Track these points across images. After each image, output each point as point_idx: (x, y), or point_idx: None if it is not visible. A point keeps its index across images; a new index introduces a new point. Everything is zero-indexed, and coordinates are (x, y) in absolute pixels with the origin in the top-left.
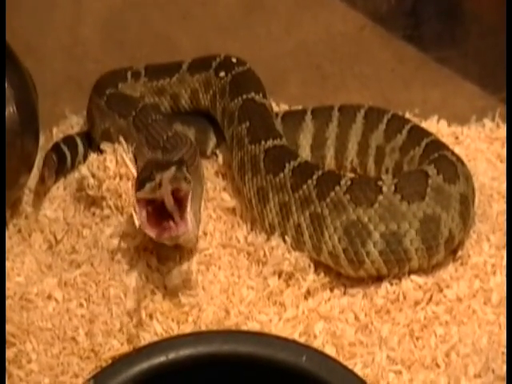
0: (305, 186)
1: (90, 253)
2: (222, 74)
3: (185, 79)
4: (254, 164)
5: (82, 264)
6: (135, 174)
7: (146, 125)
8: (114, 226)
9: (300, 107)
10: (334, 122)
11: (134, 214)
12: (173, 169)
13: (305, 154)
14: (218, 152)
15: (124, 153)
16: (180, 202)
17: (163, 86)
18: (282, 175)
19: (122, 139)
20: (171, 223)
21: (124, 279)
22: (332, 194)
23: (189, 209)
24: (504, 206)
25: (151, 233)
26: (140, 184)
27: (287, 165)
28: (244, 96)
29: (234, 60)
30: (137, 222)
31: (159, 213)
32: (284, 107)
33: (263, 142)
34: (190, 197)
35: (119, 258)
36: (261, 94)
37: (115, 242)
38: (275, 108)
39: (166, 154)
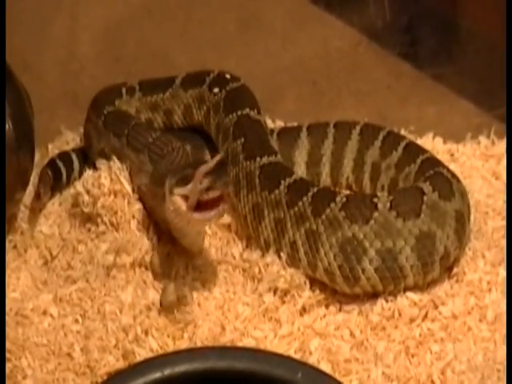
0: (300, 203)
1: (85, 269)
2: (216, 89)
3: (178, 94)
4: (249, 180)
5: (78, 280)
6: (130, 192)
7: (146, 143)
8: (109, 242)
9: (295, 124)
10: (330, 139)
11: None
12: (229, 174)
13: (300, 170)
14: None
15: (118, 170)
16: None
17: (156, 102)
18: (277, 192)
19: (114, 158)
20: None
21: (119, 295)
22: (327, 210)
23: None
24: (500, 223)
25: (198, 217)
26: (181, 180)
27: (282, 181)
28: (239, 112)
29: (227, 76)
30: (170, 213)
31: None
32: (279, 123)
33: (258, 159)
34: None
35: (115, 273)
36: (255, 110)
37: (110, 258)
38: (271, 124)
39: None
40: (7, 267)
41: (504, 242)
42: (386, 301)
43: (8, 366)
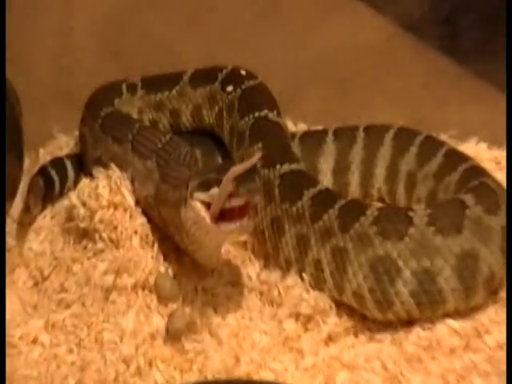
0: (326, 217)
1: (80, 291)
2: (230, 88)
3: (186, 93)
4: (268, 191)
5: (72, 304)
6: (132, 204)
7: (153, 149)
8: (108, 262)
9: (320, 127)
10: (359, 144)
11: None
12: (256, 180)
13: (326, 180)
14: None
15: (118, 179)
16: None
17: (162, 101)
18: (299, 204)
19: (113, 166)
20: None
21: (120, 321)
22: (356, 225)
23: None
24: None
25: (219, 228)
26: (203, 185)
27: (306, 192)
28: (256, 114)
29: (243, 72)
30: (190, 217)
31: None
32: (302, 127)
33: (278, 167)
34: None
35: (114, 297)
36: (275, 112)
37: (110, 279)
38: (292, 128)
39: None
40: None
41: None
42: (423, 328)
43: None
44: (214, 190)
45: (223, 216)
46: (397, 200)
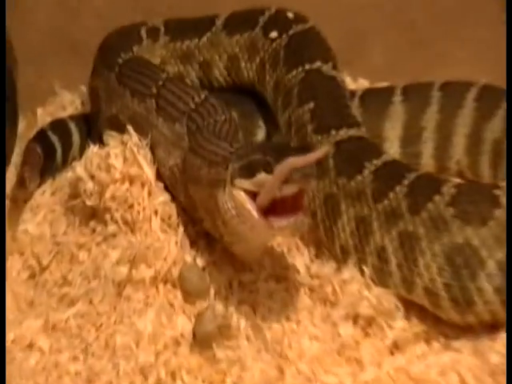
0: (392, 195)
1: (87, 285)
2: (274, 34)
3: (220, 41)
4: (321, 162)
5: (77, 301)
6: (152, 178)
7: (185, 109)
8: (122, 249)
9: (386, 84)
10: (434, 106)
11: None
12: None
13: (392, 149)
14: None
15: (135, 147)
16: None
17: (190, 50)
18: (359, 179)
19: (130, 129)
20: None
21: (136, 323)
22: (430, 206)
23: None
24: None
25: (269, 224)
26: (246, 169)
27: (367, 164)
28: (306, 66)
29: (290, 15)
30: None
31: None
32: (363, 83)
33: (333, 132)
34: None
35: (129, 292)
36: (330, 64)
37: (124, 270)
38: (351, 84)
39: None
40: None
41: None
42: None
43: None
44: (261, 177)
45: (273, 208)
46: (480, 175)
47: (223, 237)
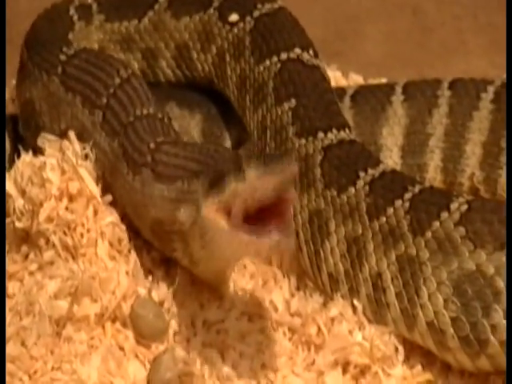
0: (390, 211)
1: (19, 323)
2: (234, 17)
3: (164, 24)
4: (306, 172)
5: (7, 342)
6: (97, 193)
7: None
8: (60, 279)
9: (383, 80)
10: (443, 108)
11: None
12: (287, 168)
13: (391, 160)
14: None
15: (74, 156)
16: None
17: (129, 34)
18: (352, 191)
19: (72, 134)
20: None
21: (78, 370)
22: (436, 225)
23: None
24: None
25: (248, 238)
26: (216, 182)
27: (362, 174)
28: (282, 55)
29: None
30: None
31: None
32: (356, 79)
33: (321, 135)
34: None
35: (70, 333)
36: (311, 51)
37: (63, 305)
38: (341, 80)
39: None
40: None
41: None
42: None
43: None
44: (232, 186)
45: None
46: (497, 191)
47: (192, 255)
